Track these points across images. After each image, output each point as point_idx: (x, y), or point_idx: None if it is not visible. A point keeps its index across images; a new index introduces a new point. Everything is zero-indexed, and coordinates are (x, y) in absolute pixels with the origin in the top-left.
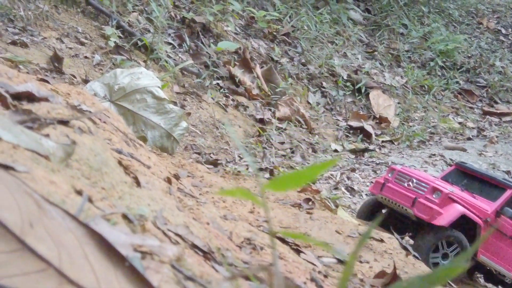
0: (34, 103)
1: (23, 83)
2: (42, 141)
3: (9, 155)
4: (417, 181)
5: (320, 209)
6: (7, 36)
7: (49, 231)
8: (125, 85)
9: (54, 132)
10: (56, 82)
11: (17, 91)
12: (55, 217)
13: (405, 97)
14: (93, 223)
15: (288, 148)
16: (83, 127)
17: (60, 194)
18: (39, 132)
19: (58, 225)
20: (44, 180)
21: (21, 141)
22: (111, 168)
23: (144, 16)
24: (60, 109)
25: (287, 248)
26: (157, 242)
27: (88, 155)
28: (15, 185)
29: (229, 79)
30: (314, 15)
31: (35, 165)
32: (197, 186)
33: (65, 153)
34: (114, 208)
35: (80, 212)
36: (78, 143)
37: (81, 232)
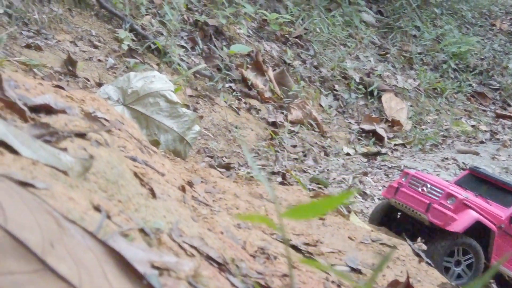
0: (51, 115)
1: (41, 94)
2: (61, 156)
3: (29, 172)
4: (431, 186)
5: (332, 214)
6: (21, 39)
7: (69, 250)
8: (138, 88)
9: (72, 145)
10: (71, 87)
11: (35, 104)
12: (74, 236)
13: (418, 100)
14: (111, 241)
15: (300, 152)
16: (99, 139)
17: (79, 211)
18: (57, 146)
19: (78, 244)
20: (63, 197)
21: (40, 157)
22: (127, 180)
23: (157, 19)
24: (77, 121)
25: (300, 256)
26: (174, 258)
27: (105, 168)
28: (36, 203)
29: (241, 82)
30: (326, 18)
31: (54, 181)
32: (211, 192)
33: (83, 167)
34: (131, 222)
35: (99, 229)
36: (95, 156)
37: (100, 250)
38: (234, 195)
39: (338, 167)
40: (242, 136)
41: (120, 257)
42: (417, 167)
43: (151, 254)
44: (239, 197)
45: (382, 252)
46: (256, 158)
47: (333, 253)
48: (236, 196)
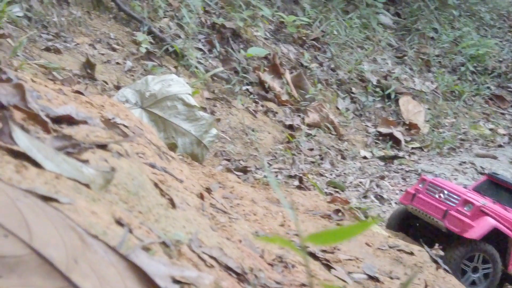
0: (73, 126)
1: (62, 104)
2: (83, 169)
3: (52, 186)
4: (448, 192)
5: (350, 220)
6: (41, 42)
7: (92, 266)
8: (156, 91)
9: (93, 157)
10: (90, 93)
11: (57, 115)
12: (97, 251)
13: (435, 103)
14: (133, 255)
15: (317, 155)
16: (120, 150)
17: (102, 225)
18: (79, 158)
19: (101, 259)
20: (86, 211)
21: (63, 170)
22: (148, 191)
23: (175, 21)
24: (98, 131)
25: (318, 264)
26: (194, 273)
27: (126, 179)
28: (60, 219)
29: (258, 85)
30: (343, 20)
31: (77, 195)
32: (228, 198)
33: (104, 180)
34: (151, 234)
35: (121, 244)
36: (116, 167)
37: (122, 265)
38: (251, 201)
39: (355, 171)
40: (259, 139)
41: (142, 272)
42: (435, 171)
43: (172, 269)
44: (256, 203)
45: (400, 258)
46: (273, 161)
47: (351, 261)
48: (254, 202)
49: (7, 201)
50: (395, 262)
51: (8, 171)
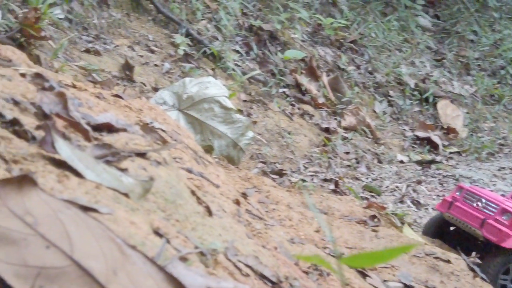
0: (113, 134)
1: (103, 112)
2: (122, 178)
3: (93, 196)
4: (486, 201)
5: (385, 226)
6: (81, 44)
7: (131, 278)
8: (194, 94)
9: (132, 165)
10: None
11: (97, 123)
12: (136, 262)
13: (474, 107)
14: (171, 266)
15: (353, 158)
16: (159, 158)
17: (140, 236)
18: (118, 166)
19: (139, 271)
20: (125, 221)
21: (104, 180)
22: (185, 199)
23: (213, 24)
24: (137, 139)
25: (353, 272)
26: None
27: (164, 187)
28: (100, 230)
29: (295, 88)
30: (382, 22)
31: (117, 205)
32: (264, 203)
33: (143, 189)
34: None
35: (159, 255)
36: (155, 176)
37: (160, 277)
38: (287, 206)
39: (391, 175)
40: (295, 142)
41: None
42: (473, 176)
43: (208, 280)
44: (292, 208)
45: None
46: (308, 165)
47: (386, 268)
48: (289, 207)
49: (50, 212)
50: (431, 270)
51: (50, 181)
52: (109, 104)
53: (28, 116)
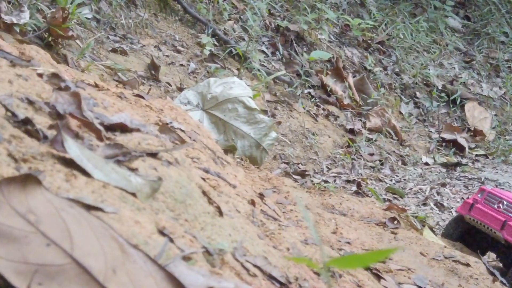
0: (126, 134)
1: (118, 112)
2: (131, 178)
3: (99, 195)
4: (507, 203)
5: (405, 228)
6: (108, 43)
7: (130, 276)
8: (218, 94)
9: (143, 165)
10: (150, 96)
11: (111, 123)
12: (137, 261)
13: (503, 109)
14: (172, 265)
15: (377, 160)
16: (170, 158)
17: (144, 235)
18: (129, 166)
19: (140, 269)
20: (129, 221)
21: (111, 179)
22: (195, 199)
23: (239, 24)
24: (150, 139)
25: (367, 274)
26: (232, 283)
27: (174, 187)
28: (102, 230)
29: (320, 88)
30: (410, 23)
31: (123, 204)
32: (282, 204)
33: (151, 189)
34: (195, 243)
35: (161, 255)
36: (165, 176)
37: (160, 275)
38: (305, 207)
39: (415, 177)
40: (319, 143)
41: (178, 283)
42: (499, 180)
43: (210, 280)
44: (310, 209)
45: (455, 269)
46: (332, 166)
47: (402, 271)
48: (307, 208)
49: (53, 211)
50: (450, 273)
51: (58, 180)
52: (129, 103)
53: (42, 116)
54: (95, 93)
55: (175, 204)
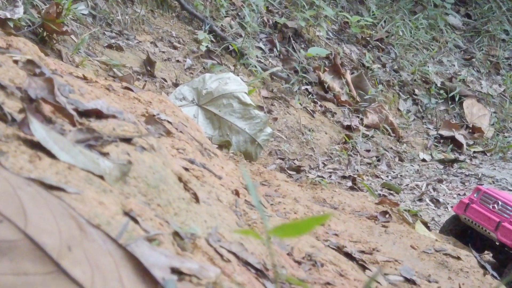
0: (101, 120)
1: (95, 99)
2: (99, 161)
3: (63, 176)
4: (502, 203)
5: (397, 222)
6: (104, 39)
7: (87, 254)
8: (213, 89)
9: (116, 150)
10: (140, 89)
11: (86, 108)
12: (95, 240)
13: (502, 107)
14: (134, 245)
15: (374, 156)
16: (144, 144)
17: (107, 216)
18: (100, 151)
19: (98, 248)
20: (93, 201)
21: (78, 162)
22: (170, 185)
23: (236, 21)
24: (126, 126)
25: (351, 264)
26: (196, 264)
27: (147, 172)
28: (61, 208)
29: (318, 85)
30: (410, 21)
31: (88, 186)
32: (270, 196)
33: (120, 172)
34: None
35: (121, 234)
36: (138, 161)
37: (119, 255)
38: (294, 200)
39: (412, 173)
40: (315, 139)
41: (138, 262)
42: (496, 176)
43: (173, 260)
44: (298, 201)
45: (445, 262)
46: (328, 162)
47: (389, 262)
48: (296, 200)
49: (9, 189)
50: (440, 266)
51: (21, 161)
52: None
53: (13, 100)
54: (72, 81)
55: (147, 189)
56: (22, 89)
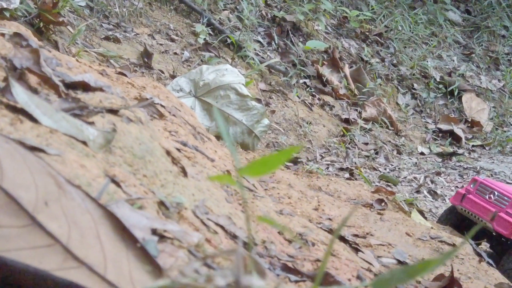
0: (88, 93)
1: (82, 73)
2: (83, 128)
3: (44, 139)
4: (498, 194)
5: (393, 210)
6: (101, 31)
7: (64, 211)
8: (210, 81)
9: (101, 120)
10: (134, 75)
11: (72, 81)
12: (74, 198)
13: (501, 101)
14: (114, 206)
15: (372, 149)
16: (131, 116)
17: (88, 177)
18: (86, 120)
19: (77, 206)
20: (74, 164)
21: (60, 127)
22: (157, 157)
23: (235, 14)
24: (114, 99)
25: (344, 246)
26: (178, 227)
27: (133, 143)
28: (38, 166)
29: (316, 78)
30: (409, 16)
31: (69, 149)
32: (265, 182)
33: (105, 139)
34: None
35: (101, 194)
36: (124, 131)
37: (99, 213)
38: (288, 185)
39: (410, 166)
40: (313, 131)
41: (118, 222)
42: (494, 169)
43: (155, 222)
44: (293, 187)
45: (440, 249)
46: (325, 154)
47: (382, 246)
48: (290, 186)
49: None
50: (435, 252)
51: (1, 123)
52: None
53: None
54: (60, 56)
55: (133, 160)
56: (7, 59)
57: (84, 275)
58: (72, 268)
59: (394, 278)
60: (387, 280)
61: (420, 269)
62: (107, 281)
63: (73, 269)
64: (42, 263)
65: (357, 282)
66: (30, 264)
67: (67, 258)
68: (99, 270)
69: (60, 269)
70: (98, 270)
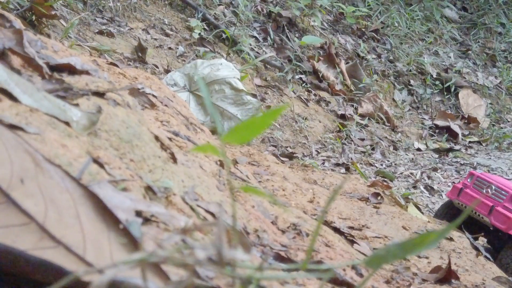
0: (74, 76)
1: (68, 56)
2: (66, 108)
3: (24, 118)
4: (496, 188)
5: (389, 204)
6: (95, 26)
7: (41, 189)
8: (205, 75)
9: (87, 103)
10: (126, 67)
11: (57, 63)
12: (53, 177)
13: (498, 98)
14: (96, 186)
15: (368, 145)
16: (118, 99)
17: (69, 157)
18: (70, 102)
19: (55, 185)
20: (54, 143)
21: (42, 106)
22: (145, 141)
23: (230, 9)
24: (100, 82)
25: (338, 237)
26: (164, 210)
27: (119, 126)
28: (15, 143)
29: (312, 74)
30: (405, 12)
31: (50, 129)
32: (259, 174)
33: (89, 121)
34: (137, 180)
35: (81, 173)
36: (110, 114)
37: (79, 193)
38: (283, 178)
39: (406, 162)
40: (309, 127)
41: (100, 202)
42: (491, 165)
43: (139, 204)
44: (288, 180)
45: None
46: (321, 150)
47: (378, 238)
48: (285, 178)
49: None
50: None
51: None
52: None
53: None
54: (46, 39)
55: (120, 143)
56: None
57: (61, 255)
58: (48, 248)
59: (389, 254)
60: (382, 256)
61: (417, 244)
62: (86, 261)
63: (49, 249)
64: (16, 242)
65: (352, 272)
66: (2, 242)
67: (43, 238)
68: (77, 251)
69: (35, 249)
70: (76, 251)
